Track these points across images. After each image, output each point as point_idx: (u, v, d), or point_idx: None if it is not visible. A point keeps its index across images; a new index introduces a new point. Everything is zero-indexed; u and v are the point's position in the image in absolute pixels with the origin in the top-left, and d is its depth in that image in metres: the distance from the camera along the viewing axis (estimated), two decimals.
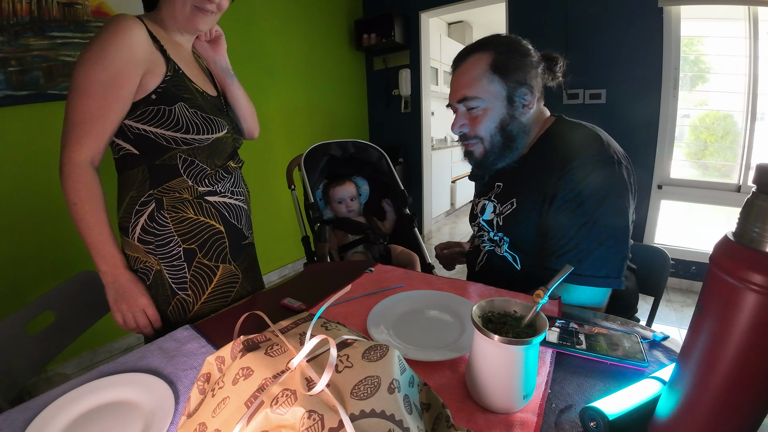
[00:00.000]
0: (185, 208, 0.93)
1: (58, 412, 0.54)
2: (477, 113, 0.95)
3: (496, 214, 1.01)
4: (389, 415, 0.38)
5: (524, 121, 0.96)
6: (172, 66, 0.88)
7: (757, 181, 0.35)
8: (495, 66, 0.92)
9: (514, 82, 0.92)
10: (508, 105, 0.93)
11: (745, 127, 2.49)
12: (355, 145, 1.67)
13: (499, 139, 0.96)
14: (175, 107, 0.87)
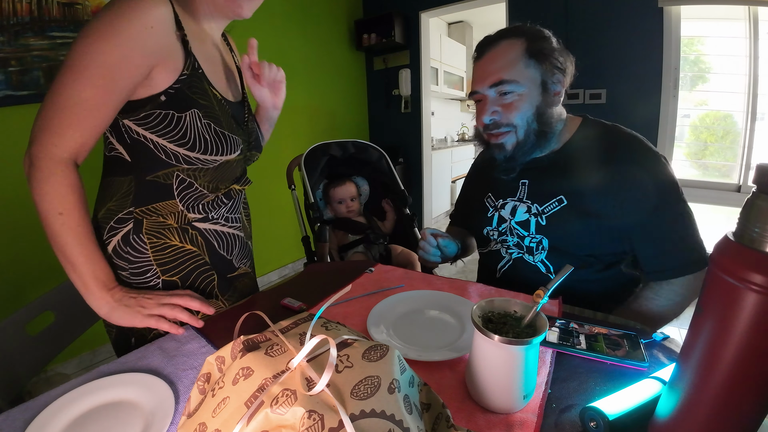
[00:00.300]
0: (169, 234, 0.81)
1: (58, 412, 0.54)
2: (512, 99, 0.90)
3: (534, 214, 0.96)
4: (389, 415, 0.38)
5: (556, 110, 0.94)
6: (191, 62, 0.75)
7: (758, 181, 0.35)
8: (531, 51, 0.88)
9: (550, 67, 0.89)
10: (542, 91, 0.90)
11: (746, 127, 2.49)
12: (355, 145, 1.68)
13: (536, 126, 0.91)
14: (186, 115, 0.74)
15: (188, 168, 0.78)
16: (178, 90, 0.73)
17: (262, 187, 2.96)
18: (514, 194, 1.01)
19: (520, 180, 1.00)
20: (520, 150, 0.94)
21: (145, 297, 0.73)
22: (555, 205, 0.93)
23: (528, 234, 0.97)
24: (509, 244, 1.01)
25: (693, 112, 2.75)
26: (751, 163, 2.51)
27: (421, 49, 3.67)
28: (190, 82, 0.75)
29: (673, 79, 2.54)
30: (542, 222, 0.94)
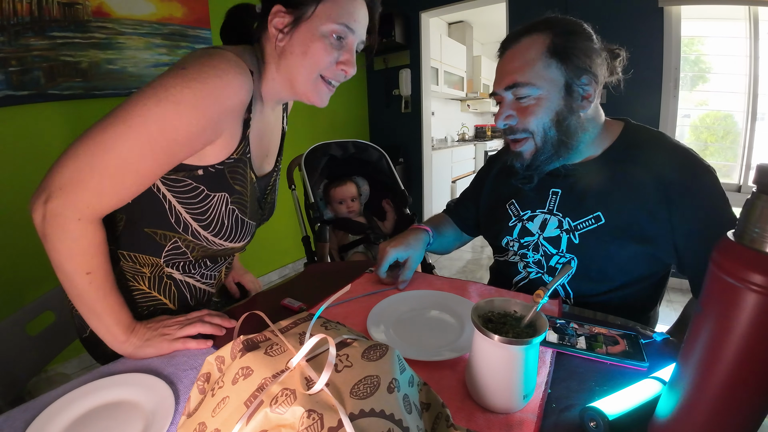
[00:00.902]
0: (140, 280, 0.78)
1: (58, 413, 0.54)
2: (528, 103, 0.82)
3: (566, 231, 0.86)
4: (389, 414, 0.38)
5: (583, 116, 0.83)
6: (244, 147, 0.72)
7: (758, 182, 0.35)
8: (553, 48, 0.79)
9: (575, 68, 0.79)
10: (566, 95, 0.80)
11: (746, 127, 2.49)
12: (356, 145, 1.68)
13: (553, 134, 0.82)
14: (215, 196, 0.71)
15: (191, 240, 0.75)
16: (219, 171, 0.71)
17: None
18: (543, 205, 0.91)
19: (551, 189, 0.90)
20: (539, 159, 0.86)
21: (166, 325, 0.71)
22: (591, 222, 0.84)
23: (557, 252, 0.87)
24: (528, 261, 0.92)
25: (693, 112, 2.75)
26: (751, 163, 2.52)
27: (422, 49, 3.67)
28: (234, 167, 0.72)
29: (673, 79, 2.54)
30: (575, 240, 0.85)
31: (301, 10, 0.69)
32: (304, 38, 0.70)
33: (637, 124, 0.90)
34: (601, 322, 0.74)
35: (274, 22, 0.71)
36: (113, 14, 2.01)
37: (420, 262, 0.99)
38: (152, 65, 2.20)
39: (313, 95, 0.75)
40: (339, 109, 3.74)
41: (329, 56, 0.71)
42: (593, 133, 0.87)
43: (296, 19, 0.70)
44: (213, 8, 2.45)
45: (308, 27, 0.70)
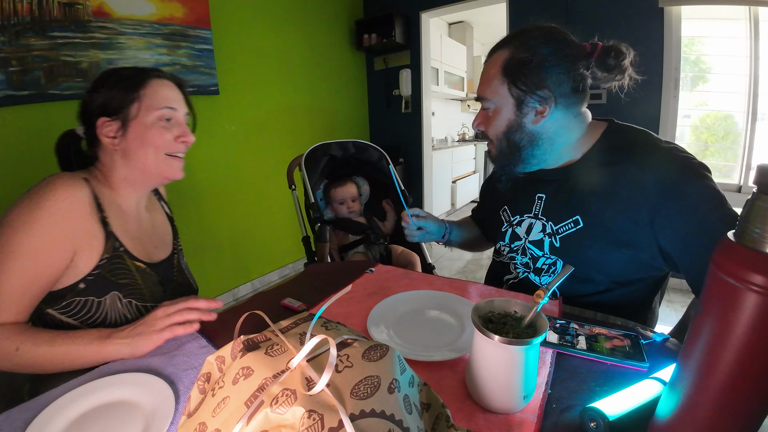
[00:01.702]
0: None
1: (58, 412, 0.54)
2: (489, 114, 0.89)
3: (548, 234, 0.89)
4: (389, 414, 0.38)
5: (536, 130, 0.86)
6: (112, 244, 0.77)
7: (758, 182, 0.35)
8: (506, 67, 0.84)
9: (524, 86, 0.82)
10: (516, 110, 0.85)
11: (746, 127, 2.49)
12: (356, 145, 1.68)
13: (504, 144, 0.89)
14: (106, 299, 0.76)
15: None
16: (98, 275, 0.75)
17: (262, 186, 2.96)
18: (530, 210, 0.95)
19: (537, 194, 0.94)
20: (500, 163, 0.93)
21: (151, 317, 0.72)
22: (571, 226, 0.86)
23: (543, 254, 0.90)
24: (516, 263, 0.96)
25: (693, 113, 2.75)
26: (751, 163, 2.51)
27: (422, 49, 3.67)
28: (111, 265, 0.77)
29: (673, 79, 2.54)
30: (556, 243, 0.88)
31: (125, 113, 0.79)
32: (138, 133, 0.80)
33: (621, 125, 0.90)
34: (601, 323, 0.74)
35: (104, 132, 0.79)
36: (114, 14, 2.01)
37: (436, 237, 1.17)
38: (152, 65, 2.20)
39: (168, 172, 0.85)
40: (339, 110, 3.74)
41: (166, 136, 0.82)
42: (570, 138, 0.88)
43: (123, 122, 0.79)
44: (213, 8, 2.45)
45: (137, 123, 0.80)
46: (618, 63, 0.83)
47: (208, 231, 2.64)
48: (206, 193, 2.60)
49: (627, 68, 0.85)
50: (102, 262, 0.75)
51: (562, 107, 0.84)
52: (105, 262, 0.75)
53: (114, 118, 0.79)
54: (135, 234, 0.86)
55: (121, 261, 0.79)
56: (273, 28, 2.95)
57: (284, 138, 3.14)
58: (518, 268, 0.96)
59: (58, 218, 0.70)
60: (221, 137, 2.66)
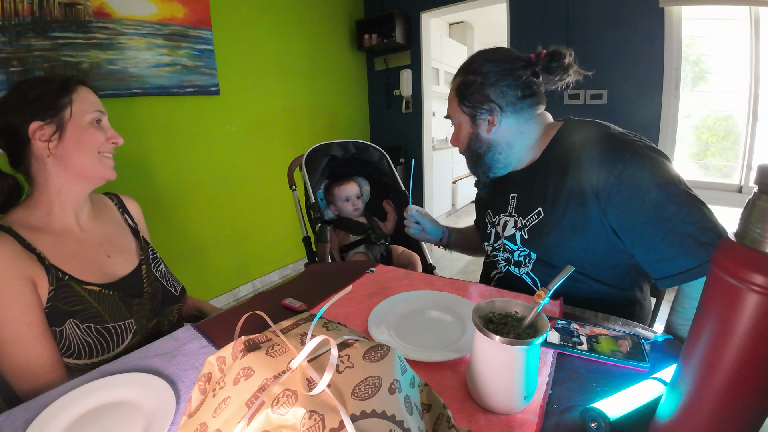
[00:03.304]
0: None
1: (59, 412, 0.54)
2: (456, 130, 1.02)
3: (518, 228, 0.97)
4: (390, 415, 0.38)
5: (492, 138, 0.96)
6: (54, 275, 0.76)
7: (759, 182, 0.35)
8: (458, 90, 0.97)
9: (472, 103, 0.94)
10: (472, 123, 0.97)
11: (747, 127, 2.49)
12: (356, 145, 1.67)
13: (469, 154, 1.02)
14: (65, 328, 0.75)
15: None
16: (51, 307, 0.75)
17: (263, 187, 2.96)
18: (505, 209, 1.03)
19: (510, 193, 1.02)
20: (473, 171, 1.05)
21: None
22: (534, 217, 0.93)
23: (517, 248, 0.98)
24: (498, 259, 1.05)
25: (694, 113, 2.74)
26: (752, 163, 2.51)
27: (422, 49, 3.67)
28: (60, 295, 0.76)
29: (674, 79, 2.54)
30: (525, 236, 0.95)
31: (60, 116, 0.80)
32: (75, 134, 0.81)
33: (576, 120, 0.95)
34: (602, 323, 0.74)
35: (38, 136, 0.78)
36: (114, 15, 2.01)
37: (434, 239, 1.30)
38: (153, 65, 2.20)
39: (103, 171, 0.86)
40: (340, 110, 3.74)
41: (100, 136, 0.84)
42: (528, 141, 0.96)
43: (59, 125, 0.80)
44: (214, 9, 2.45)
45: (73, 125, 0.81)
46: (560, 64, 0.89)
47: (208, 231, 2.64)
48: (206, 193, 2.60)
49: (571, 66, 0.90)
50: (51, 294, 0.75)
51: (512, 114, 0.94)
52: (53, 293, 0.75)
53: (48, 121, 0.79)
54: (80, 255, 0.84)
55: (68, 289, 0.77)
56: (273, 28, 2.95)
57: (284, 138, 3.14)
58: (500, 263, 1.05)
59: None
60: (222, 137, 2.66)
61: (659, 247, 0.75)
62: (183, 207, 2.47)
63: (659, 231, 0.74)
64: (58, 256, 0.79)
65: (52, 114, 0.79)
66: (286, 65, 3.09)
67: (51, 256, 0.78)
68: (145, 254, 0.97)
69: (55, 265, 0.77)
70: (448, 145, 5.07)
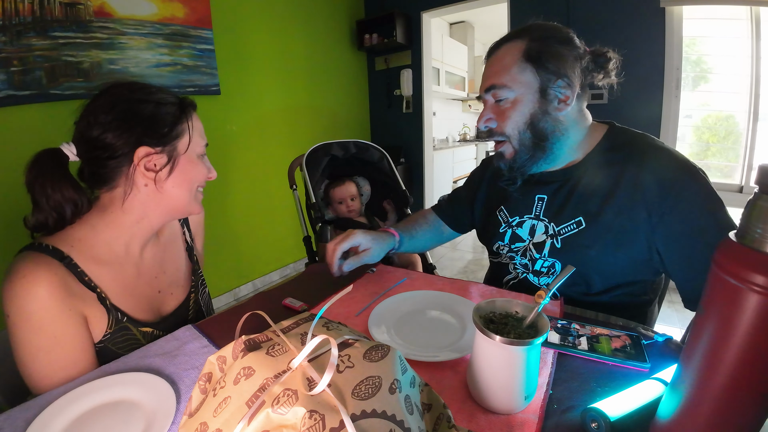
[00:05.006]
0: None
1: (59, 412, 0.54)
2: (505, 105, 0.85)
3: (550, 236, 0.88)
4: (390, 415, 0.38)
5: (560, 119, 0.84)
6: (114, 317, 0.71)
7: (760, 182, 0.35)
8: (528, 53, 0.82)
9: (549, 72, 0.81)
10: (540, 98, 0.83)
11: (748, 127, 2.48)
12: (357, 145, 1.68)
13: (528, 136, 0.85)
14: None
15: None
16: (103, 348, 0.71)
17: (263, 186, 2.96)
18: (530, 211, 0.93)
19: (536, 195, 0.92)
20: (518, 161, 0.88)
21: None
22: (573, 227, 0.85)
23: (540, 256, 0.89)
24: (516, 263, 0.95)
25: (695, 113, 2.74)
26: (753, 163, 2.51)
27: (423, 49, 3.67)
28: (116, 338, 0.72)
29: (675, 79, 2.53)
30: (557, 245, 0.87)
31: (174, 145, 0.72)
32: (186, 168, 0.74)
33: (622, 127, 0.90)
34: (602, 323, 0.74)
35: (144, 163, 0.70)
36: (115, 14, 2.01)
37: (376, 261, 0.99)
38: (154, 65, 2.20)
39: (193, 207, 0.79)
40: (340, 110, 3.74)
41: (205, 173, 0.78)
42: (576, 137, 0.88)
43: (171, 156, 0.72)
44: (214, 8, 2.45)
45: (187, 157, 0.74)
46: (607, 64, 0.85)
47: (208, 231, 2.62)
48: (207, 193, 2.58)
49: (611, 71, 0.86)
50: (106, 336, 0.70)
51: (577, 99, 0.84)
52: (109, 336, 0.70)
53: (159, 149, 0.70)
54: (136, 290, 0.77)
55: (126, 332, 0.72)
56: (274, 28, 2.95)
57: (285, 138, 3.14)
58: (518, 268, 0.95)
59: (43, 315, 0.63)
60: (222, 137, 2.66)
61: (699, 269, 0.72)
62: None
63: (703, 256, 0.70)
64: (118, 293, 0.73)
65: (165, 142, 0.70)
66: (287, 65, 3.09)
67: (112, 294, 0.72)
68: (196, 279, 0.92)
69: (116, 306, 0.72)
70: (448, 145, 5.08)
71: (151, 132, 0.69)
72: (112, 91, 0.70)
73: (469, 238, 4.17)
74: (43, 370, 0.65)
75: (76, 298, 0.66)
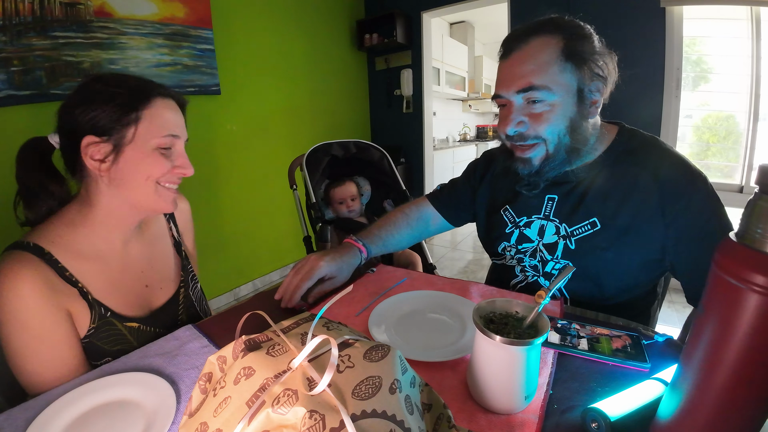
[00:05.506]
0: None
1: (59, 411, 0.54)
2: (542, 109, 0.77)
3: (563, 236, 0.86)
4: (390, 415, 0.38)
5: (592, 123, 0.81)
6: (97, 312, 0.71)
7: (760, 182, 0.35)
8: (568, 52, 0.75)
9: (588, 73, 0.76)
10: (578, 101, 0.77)
11: (748, 127, 2.49)
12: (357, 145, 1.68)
13: (568, 141, 0.79)
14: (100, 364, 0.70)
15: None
16: (88, 343, 0.71)
17: (264, 186, 2.96)
18: (538, 211, 0.90)
19: (547, 195, 0.89)
20: (548, 166, 0.82)
21: None
22: (587, 228, 0.83)
23: (552, 258, 0.87)
24: (525, 265, 0.92)
25: (695, 113, 2.74)
26: (753, 163, 2.51)
27: (423, 49, 3.67)
28: (100, 333, 0.71)
29: (675, 79, 2.53)
30: (571, 246, 0.84)
31: (119, 135, 0.68)
32: (132, 160, 0.69)
33: (631, 128, 0.89)
34: (602, 323, 0.74)
35: (90, 153, 0.68)
36: (115, 14, 2.02)
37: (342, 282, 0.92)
38: (154, 65, 2.20)
39: (159, 204, 0.74)
40: (340, 110, 3.74)
41: (163, 167, 0.72)
42: (595, 135, 0.85)
43: (116, 145, 0.68)
44: (215, 8, 2.46)
45: (133, 148, 0.69)
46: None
47: (208, 231, 2.65)
48: (207, 193, 2.60)
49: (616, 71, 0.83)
50: (90, 331, 0.70)
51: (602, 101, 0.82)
52: (93, 331, 0.70)
53: (105, 139, 0.68)
54: (121, 285, 0.77)
55: (111, 327, 0.72)
56: (274, 28, 2.95)
57: (285, 138, 3.14)
58: (527, 270, 0.92)
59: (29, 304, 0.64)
60: (222, 137, 2.66)
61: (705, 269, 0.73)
62: None
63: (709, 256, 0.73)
64: (101, 288, 0.73)
65: (111, 131, 0.68)
66: (287, 65, 3.09)
67: (94, 289, 0.71)
68: (185, 274, 0.91)
69: (98, 300, 0.71)
70: (448, 145, 5.08)
71: (97, 119, 0.67)
72: (84, 82, 0.70)
73: (470, 238, 4.17)
74: (31, 367, 0.66)
75: (59, 294, 0.67)
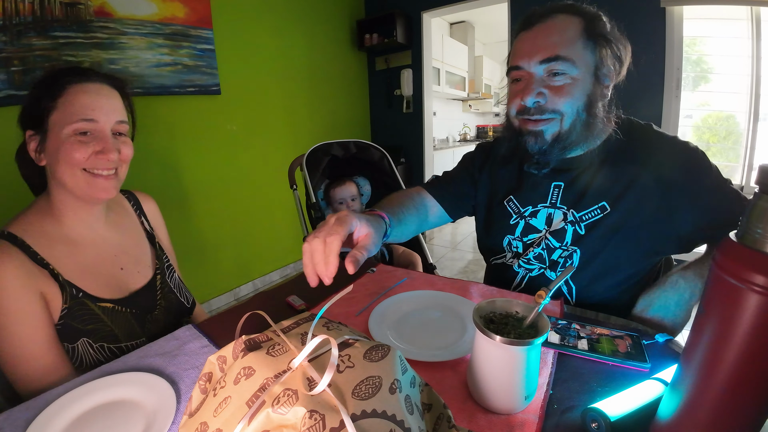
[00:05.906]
0: None
1: (59, 411, 0.54)
2: (563, 82, 0.77)
3: (571, 222, 0.84)
4: (390, 415, 0.38)
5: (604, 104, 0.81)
6: (68, 293, 0.72)
7: (760, 182, 0.35)
8: (590, 31, 0.77)
9: (607, 55, 0.77)
10: (594, 80, 0.78)
11: (748, 127, 2.49)
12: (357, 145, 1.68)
13: (584, 117, 0.78)
14: (78, 345, 0.73)
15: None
16: (64, 324, 0.72)
17: (264, 186, 2.96)
18: (545, 199, 0.89)
19: (553, 182, 0.88)
20: (561, 142, 0.81)
21: None
22: (597, 212, 0.82)
23: (561, 245, 0.86)
24: (530, 257, 0.90)
25: (695, 113, 2.74)
26: (753, 163, 2.51)
27: (423, 49, 3.67)
28: (74, 313, 0.73)
29: (675, 79, 2.53)
30: (580, 231, 0.83)
31: (43, 126, 0.72)
32: (53, 148, 0.72)
33: (628, 117, 0.89)
34: (602, 323, 0.74)
35: (30, 146, 0.73)
36: (115, 14, 2.02)
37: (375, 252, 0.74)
38: (154, 65, 2.20)
39: (89, 190, 0.75)
40: (340, 110, 3.74)
41: (81, 153, 0.72)
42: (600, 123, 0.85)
43: (41, 136, 0.72)
44: (215, 8, 2.46)
45: (52, 138, 0.72)
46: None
47: (209, 230, 2.65)
48: (207, 192, 2.60)
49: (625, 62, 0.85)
50: (64, 312, 0.72)
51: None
52: (66, 312, 0.72)
53: (36, 131, 0.72)
54: (94, 267, 0.79)
55: (83, 307, 0.74)
56: (274, 27, 2.95)
57: (285, 138, 3.14)
58: (531, 264, 0.90)
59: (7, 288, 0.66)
60: (222, 137, 2.66)
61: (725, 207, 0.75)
62: (184, 206, 2.47)
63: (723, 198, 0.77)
64: (72, 270, 0.75)
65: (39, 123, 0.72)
66: (287, 65, 3.09)
67: (65, 271, 0.73)
68: (161, 263, 0.92)
69: (69, 281, 0.73)
70: (448, 145, 5.08)
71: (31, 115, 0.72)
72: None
73: (470, 238, 4.17)
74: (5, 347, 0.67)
75: (33, 278, 0.69)
